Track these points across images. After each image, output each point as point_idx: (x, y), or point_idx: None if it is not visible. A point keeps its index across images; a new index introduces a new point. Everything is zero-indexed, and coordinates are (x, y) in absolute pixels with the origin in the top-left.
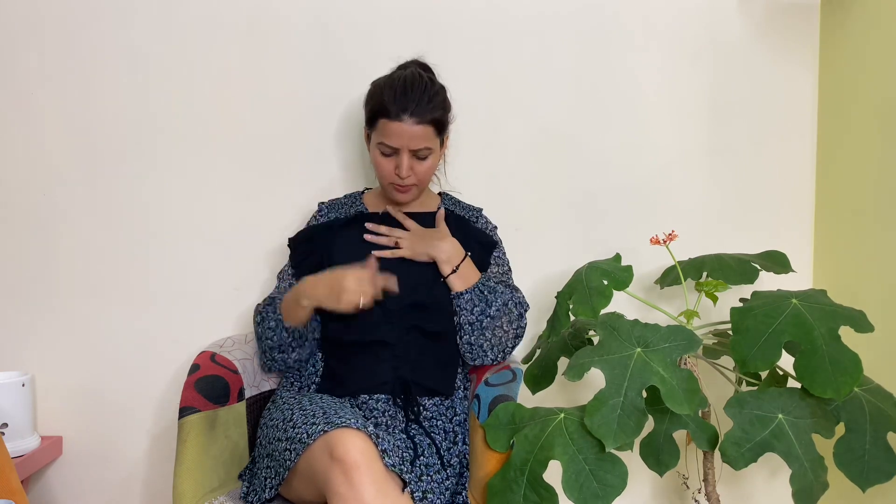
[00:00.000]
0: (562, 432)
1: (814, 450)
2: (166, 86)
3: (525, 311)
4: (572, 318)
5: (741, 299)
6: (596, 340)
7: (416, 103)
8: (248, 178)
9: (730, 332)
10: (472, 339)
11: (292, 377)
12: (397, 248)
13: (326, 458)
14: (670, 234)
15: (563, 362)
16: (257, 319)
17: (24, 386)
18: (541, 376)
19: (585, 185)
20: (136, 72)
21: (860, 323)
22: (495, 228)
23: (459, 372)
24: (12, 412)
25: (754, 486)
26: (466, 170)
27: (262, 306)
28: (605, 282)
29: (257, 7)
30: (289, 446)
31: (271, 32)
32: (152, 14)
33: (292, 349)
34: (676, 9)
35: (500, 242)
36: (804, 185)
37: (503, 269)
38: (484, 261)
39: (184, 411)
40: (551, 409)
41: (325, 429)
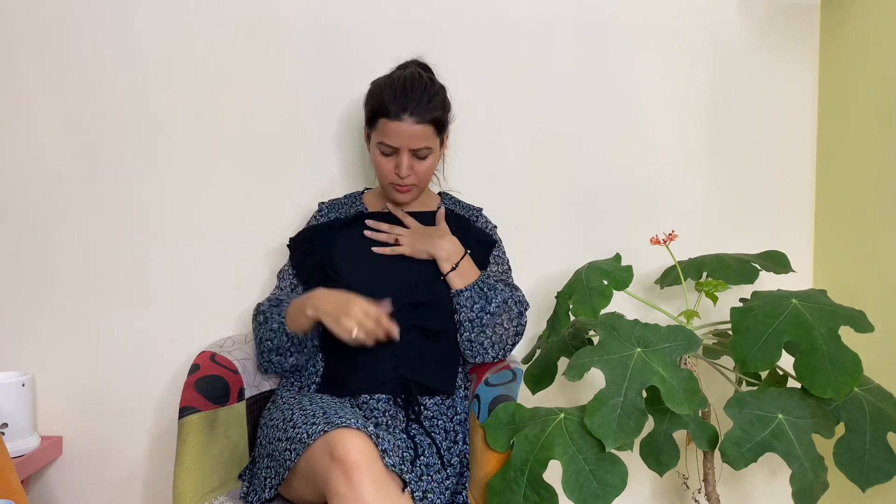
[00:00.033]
0: (562, 432)
1: (814, 450)
2: (166, 86)
3: (525, 309)
4: (572, 318)
5: (741, 299)
6: (596, 340)
7: (415, 103)
8: (248, 178)
9: (730, 332)
10: (473, 337)
11: (293, 377)
12: (397, 245)
13: (326, 458)
14: (670, 234)
15: (563, 362)
16: (260, 319)
17: (24, 386)
18: (541, 376)
19: (585, 185)
20: (136, 72)
21: (860, 323)
22: (495, 228)
23: (460, 371)
24: (12, 412)
25: (754, 486)
26: (466, 170)
27: (266, 307)
28: (605, 282)
29: (257, 7)
30: (289, 446)
31: (271, 32)
32: (152, 14)
33: (290, 353)
34: (676, 9)
35: (500, 241)
36: (804, 185)
37: (503, 268)
38: (483, 259)
39: (184, 411)
40: (551, 409)
41: (326, 429)
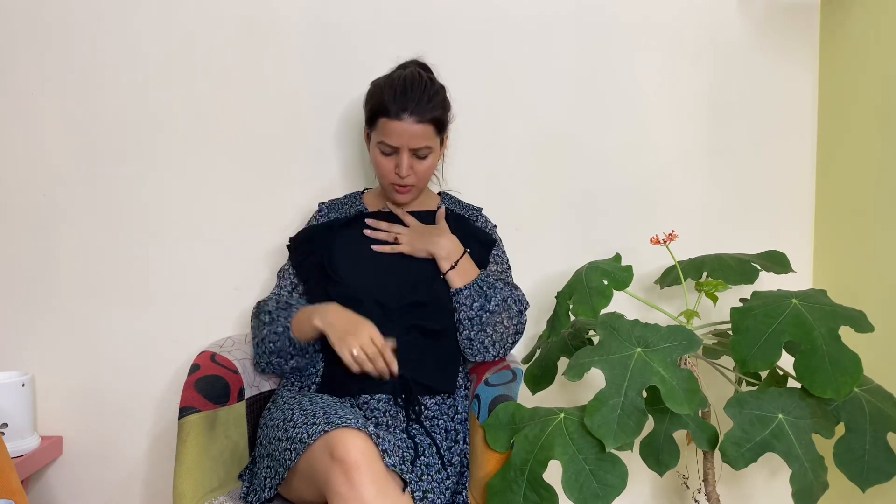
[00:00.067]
0: (562, 432)
1: (814, 450)
2: (166, 86)
3: (525, 308)
4: (572, 318)
5: (741, 299)
6: (596, 340)
7: (415, 102)
8: (248, 178)
9: (730, 332)
10: (472, 336)
11: (293, 377)
12: (396, 243)
13: (327, 457)
14: (670, 234)
15: (563, 362)
16: (265, 319)
17: (24, 386)
18: (541, 376)
19: (585, 185)
20: (136, 72)
21: (860, 323)
22: (495, 227)
23: (461, 370)
24: (12, 412)
25: (754, 486)
26: (466, 170)
27: (273, 308)
28: (605, 282)
29: (257, 7)
30: (289, 446)
31: (271, 32)
32: (152, 14)
33: (290, 356)
34: (676, 9)
35: (500, 241)
36: (804, 185)
37: (502, 268)
38: (483, 259)
39: (184, 411)
40: (551, 409)
41: (326, 429)
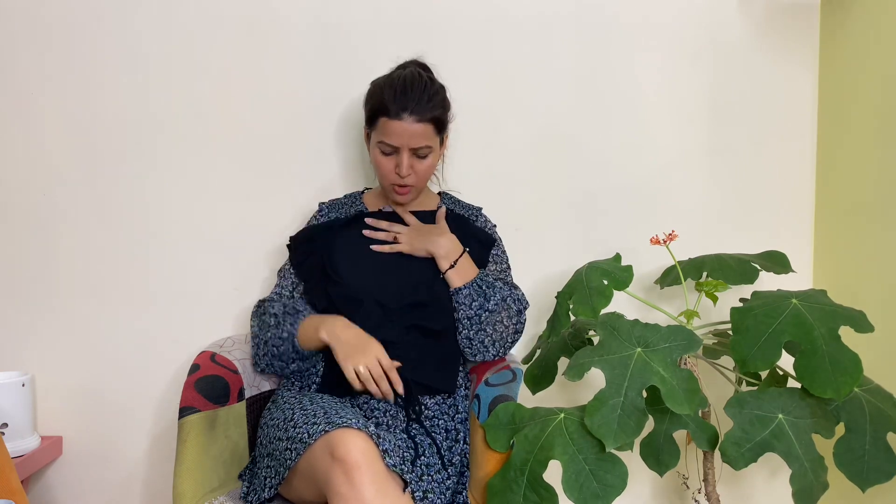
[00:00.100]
0: (562, 432)
1: (814, 450)
2: (166, 86)
3: (524, 307)
4: (572, 318)
5: (741, 299)
6: (596, 340)
7: (415, 102)
8: (248, 178)
9: (730, 332)
10: (472, 335)
11: (293, 377)
12: (396, 243)
13: (327, 457)
14: (670, 234)
15: (563, 362)
16: (270, 322)
17: (24, 386)
18: (541, 376)
19: (585, 185)
20: (136, 72)
21: (860, 323)
22: (494, 227)
23: (461, 370)
24: (12, 412)
25: (754, 486)
26: (466, 170)
27: (279, 311)
28: (605, 282)
29: (257, 7)
30: (289, 446)
31: (271, 32)
32: (152, 14)
33: (292, 360)
34: (676, 9)
35: (500, 241)
36: (804, 185)
37: (502, 267)
38: (483, 258)
39: (184, 411)
40: (551, 409)
41: (326, 428)
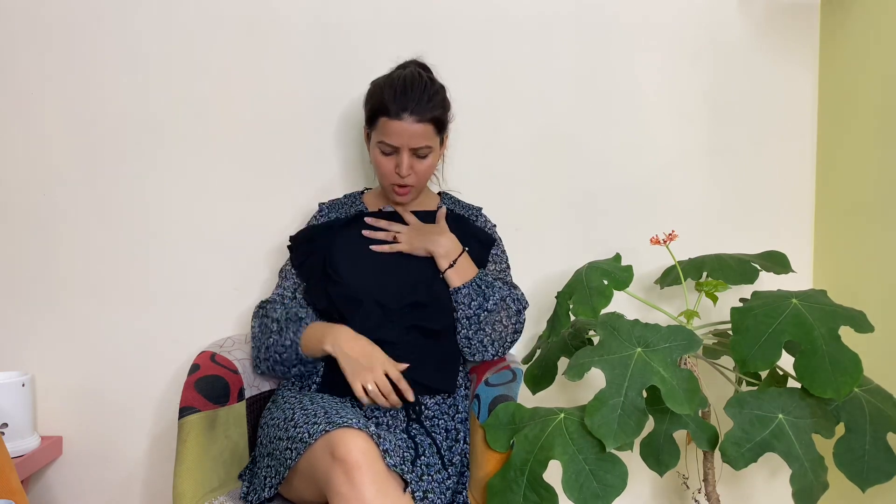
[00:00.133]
0: (562, 432)
1: (814, 450)
2: (166, 86)
3: (524, 307)
4: (572, 318)
5: (741, 299)
6: (596, 340)
7: (416, 102)
8: (248, 178)
9: (730, 332)
10: (471, 335)
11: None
12: (395, 242)
13: (328, 457)
14: (670, 234)
15: (563, 362)
16: (273, 328)
17: (24, 386)
18: (541, 376)
19: (585, 185)
20: (136, 72)
21: (860, 323)
22: (494, 227)
23: (461, 370)
24: (12, 412)
25: (754, 486)
26: (466, 169)
27: (282, 317)
28: (605, 282)
29: (257, 7)
30: (290, 445)
31: (271, 32)
32: (152, 14)
33: (293, 365)
34: (676, 9)
35: (500, 240)
36: (804, 185)
37: (502, 267)
38: (483, 258)
39: (184, 411)
40: (551, 409)
41: (327, 428)
